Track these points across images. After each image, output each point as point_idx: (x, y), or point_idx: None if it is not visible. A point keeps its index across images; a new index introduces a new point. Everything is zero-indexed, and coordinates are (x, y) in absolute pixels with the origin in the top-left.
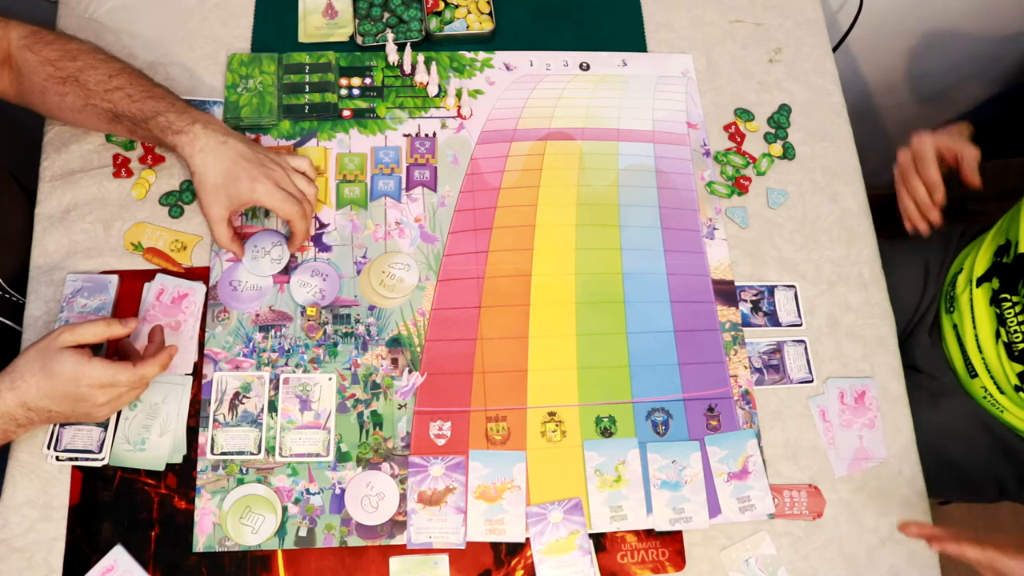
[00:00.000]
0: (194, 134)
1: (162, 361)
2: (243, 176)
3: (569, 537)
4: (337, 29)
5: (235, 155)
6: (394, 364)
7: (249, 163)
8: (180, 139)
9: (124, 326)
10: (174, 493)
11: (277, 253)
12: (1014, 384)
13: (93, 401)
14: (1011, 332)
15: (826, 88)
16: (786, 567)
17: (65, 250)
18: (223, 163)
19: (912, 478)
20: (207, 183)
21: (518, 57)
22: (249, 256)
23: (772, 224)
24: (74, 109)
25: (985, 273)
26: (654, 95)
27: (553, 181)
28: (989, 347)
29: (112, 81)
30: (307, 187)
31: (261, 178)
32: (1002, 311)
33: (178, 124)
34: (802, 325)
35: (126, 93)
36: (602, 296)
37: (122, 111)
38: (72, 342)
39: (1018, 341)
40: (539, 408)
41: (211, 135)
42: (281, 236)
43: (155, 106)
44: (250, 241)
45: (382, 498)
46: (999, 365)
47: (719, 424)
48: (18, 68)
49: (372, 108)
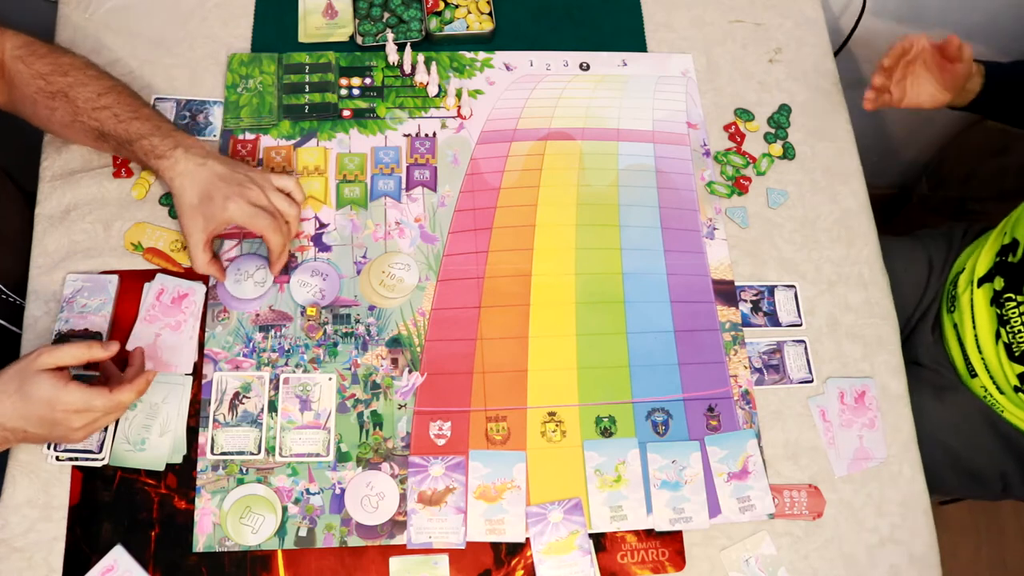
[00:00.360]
0: (175, 158)
1: (139, 387)
2: (217, 196)
3: (569, 537)
4: (337, 29)
5: (212, 176)
6: (394, 364)
7: (225, 183)
8: (162, 163)
9: (105, 350)
10: (174, 493)
11: (260, 276)
12: (1014, 385)
13: (68, 425)
14: (1013, 333)
15: (826, 88)
16: (786, 567)
17: (65, 250)
18: (200, 185)
19: (912, 478)
20: (184, 205)
21: (518, 57)
22: (232, 279)
23: (772, 224)
24: (63, 124)
25: (987, 273)
26: (654, 95)
27: (553, 181)
28: (989, 347)
29: (100, 99)
30: (285, 206)
31: (234, 196)
32: (1004, 311)
33: (160, 148)
34: (802, 325)
35: (113, 112)
36: (602, 296)
37: (108, 130)
38: (51, 364)
39: (1019, 342)
40: (539, 408)
41: (191, 159)
42: (264, 259)
43: (140, 128)
44: (233, 264)
45: (382, 498)
46: (999, 366)
47: (719, 424)
48: (10, 78)
49: (372, 108)
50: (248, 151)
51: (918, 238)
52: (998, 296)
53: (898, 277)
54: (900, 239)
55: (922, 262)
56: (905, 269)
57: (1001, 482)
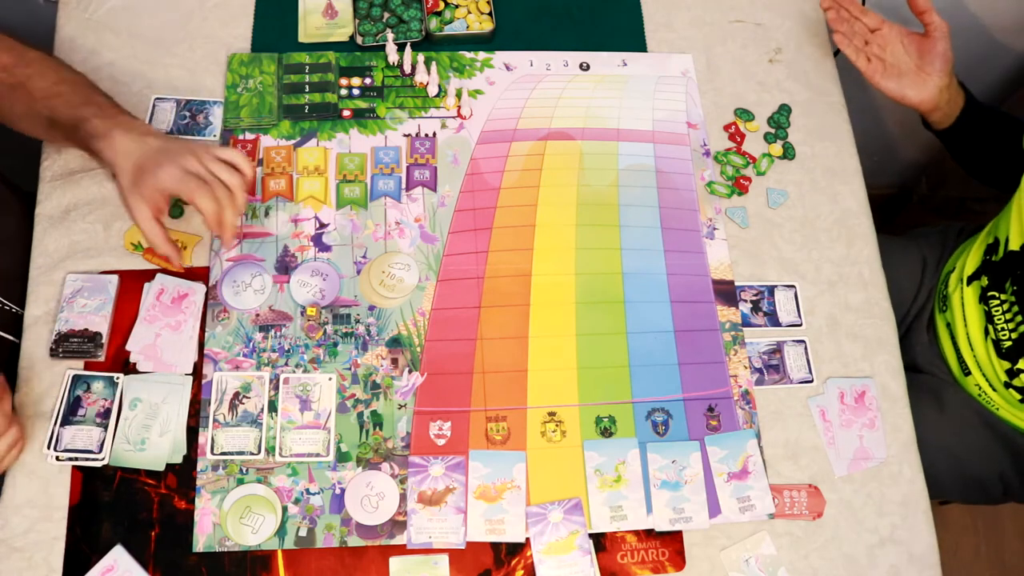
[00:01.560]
0: (114, 138)
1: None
2: (151, 166)
3: (569, 537)
4: (337, 29)
5: (149, 151)
6: (394, 364)
7: (160, 154)
8: (100, 144)
9: None
10: (174, 493)
11: (258, 284)
12: (1003, 380)
13: None
14: (999, 329)
15: (826, 88)
16: (786, 567)
17: (65, 250)
18: (136, 160)
19: (912, 478)
20: (123, 184)
21: (518, 57)
22: (230, 291)
23: (772, 224)
24: (19, 116)
25: (975, 272)
26: (654, 95)
27: (553, 181)
28: (979, 344)
29: (55, 88)
30: (226, 174)
31: (166, 164)
32: (990, 308)
33: (101, 129)
34: (802, 325)
35: (65, 100)
36: (602, 296)
37: (58, 116)
38: None
39: (1005, 338)
40: (539, 408)
41: (130, 138)
42: (259, 266)
43: (85, 112)
44: (228, 276)
45: (382, 498)
46: (989, 362)
47: (719, 424)
48: None
49: (372, 108)
50: (248, 151)
51: (912, 238)
52: (984, 293)
53: (892, 277)
54: (894, 239)
55: (916, 262)
56: (899, 269)
57: (1001, 484)
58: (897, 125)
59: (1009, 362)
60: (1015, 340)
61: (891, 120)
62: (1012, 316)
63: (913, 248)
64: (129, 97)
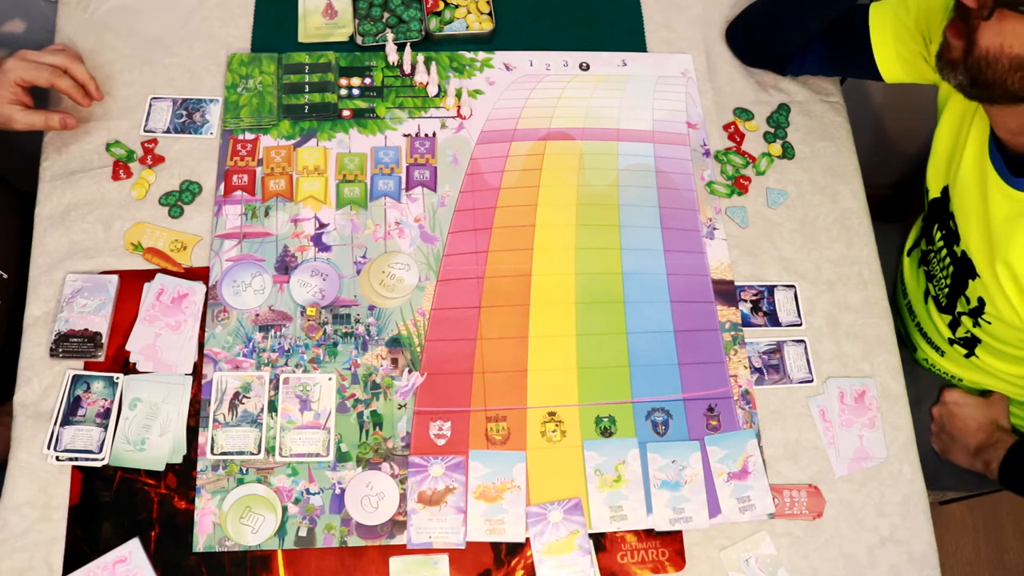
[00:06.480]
0: None
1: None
2: None
3: (569, 537)
4: (337, 29)
5: None
6: (394, 364)
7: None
8: None
9: None
10: (174, 493)
11: (258, 284)
12: (947, 337)
13: None
14: (938, 286)
15: (826, 88)
16: (786, 567)
17: (65, 250)
18: None
19: (912, 478)
20: None
21: (518, 57)
22: (230, 291)
23: (772, 224)
24: None
25: (915, 241)
26: (654, 95)
27: (553, 181)
28: (920, 309)
29: None
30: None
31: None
32: (930, 267)
33: None
34: (802, 325)
35: None
36: (602, 296)
37: None
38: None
39: (943, 291)
40: (539, 408)
41: None
42: (259, 266)
43: None
44: (228, 276)
45: (382, 498)
46: (931, 324)
47: (719, 424)
48: None
49: (372, 108)
50: (248, 151)
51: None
52: (925, 255)
53: None
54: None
55: (892, 253)
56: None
57: None
58: (897, 125)
59: (949, 314)
60: (950, 287)
61: (891, 120)
62: (945, 265)
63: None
64: (129, 97)
